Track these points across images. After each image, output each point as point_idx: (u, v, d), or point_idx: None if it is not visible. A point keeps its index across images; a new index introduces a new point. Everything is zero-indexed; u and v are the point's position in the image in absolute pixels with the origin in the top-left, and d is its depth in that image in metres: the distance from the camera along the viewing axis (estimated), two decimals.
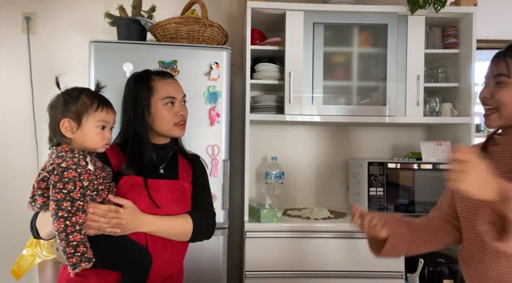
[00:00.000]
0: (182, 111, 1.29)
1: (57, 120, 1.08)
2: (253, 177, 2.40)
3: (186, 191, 1.28)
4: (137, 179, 1.20)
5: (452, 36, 2.16)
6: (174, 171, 1.30)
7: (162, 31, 1.87)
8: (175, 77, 1.36)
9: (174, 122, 1.27)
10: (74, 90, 1.11)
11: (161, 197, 1.21)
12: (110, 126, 1.14)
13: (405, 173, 2.03)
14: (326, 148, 2.44)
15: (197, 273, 1.76)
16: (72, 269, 1.00)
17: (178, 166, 1.32)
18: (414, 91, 2.04)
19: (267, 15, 2.08)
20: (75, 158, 1.05)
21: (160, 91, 1.26)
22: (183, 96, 1.32)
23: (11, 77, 2.33)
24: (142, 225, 1.14)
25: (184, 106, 1.32)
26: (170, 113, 1.26)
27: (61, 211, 0.99)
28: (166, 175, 1.27)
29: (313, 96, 2.03)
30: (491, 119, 1.04)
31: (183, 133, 1.32)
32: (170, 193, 1.24)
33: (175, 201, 1.24)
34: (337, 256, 1.89)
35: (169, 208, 1.22)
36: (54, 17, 2.35)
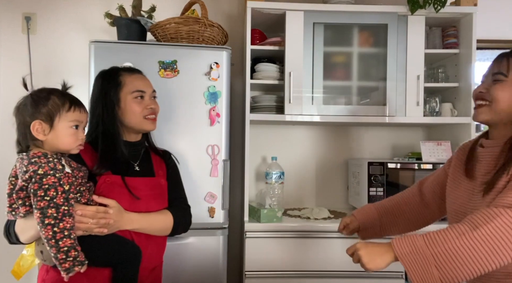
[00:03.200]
0: (153, 104, 1.31)
1: (27, 122, 1.04)
2: (253, 177, 2.40)
3: (163, 187, 1.31)
4: (115, 178, 1.20)
5: (452, 36, 2.16)
6: (149, 168, 1.32)
7: (162, 31, 1.87)
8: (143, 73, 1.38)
9: (144, 115, 1.28)
10: (43, 91, 1.08)
11: (141, 195, 1.23)
12: (83, 126, 1.12)
13: (405, 173, 2.03)
14: (326, 148, 2.44)
15: (197, 273, 1.76)
16: (66, 274, 1.00)
17: (152, 163, 1.34)
18: (414, 91, 2.04)
19: (267, 15, 2.08)
20: (50, 163, 1.02)
21: (129, 85, 1.27)
22: (152, 91, 1.33)
23: (11, 77, 2.33)
24: (127, 223, 1.16)
25: (154, 101, 1.34)
26: (139, 106, 1.27)
27: (47, 219, 0.97)
28: (141, 172, 1.29)
29: (313, 96, 2.03)
30: (479, 111, 1.06)
31: (154, 127, 1.34)
32: (149, 190, 1.26)
33: (154, 198, 1.27)
34: (337, 256, 1.89)
35: (149, 205, 1.24)
36: (54, 17, 2.35)
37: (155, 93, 1.36)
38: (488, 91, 1.04)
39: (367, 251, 1.02)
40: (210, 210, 1.77)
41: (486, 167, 1.06)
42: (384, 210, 1.37)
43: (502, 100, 1.01)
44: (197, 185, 1.77)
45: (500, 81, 1.02)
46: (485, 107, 1.05)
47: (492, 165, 1.04)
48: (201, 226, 1.77)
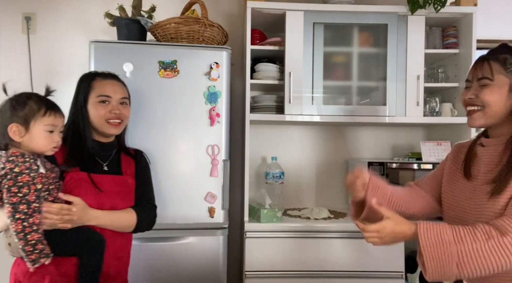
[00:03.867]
0: (118, 109, 1.36)
1: (5, 124, 1.11)
2: (253, 177, 2.40)
3: (130, 186, 1.38)
4: (82, 174, 1.28)
5: (452, 36, 2.16)
6: (117, 167, 1.39)
7: (162, 31, 1.87)
8: (120, 79, 1.44)
9: (106, 119, 1.34)
10: (22, 96, 1.15)
11: (106, 191, 1.30)
12: (58, 129, 1.19)
13: (405, 173, 2.03)
14: (326, 148, 2.44)
15: (197, 273, 1.76)
16: (32, 265, 1.09)
17: (121, 162, 1.42)
18: (414, 91, 2.04)
19: (267, 15, 2.08)
20: (27, 163, 1.10)
21: (97, 89, 1.35)
22: (122, 97, 1.39)
23: (11, 77, 2.33)
24: (91, 219, 1.23)
25: (123, 107, 1.40)
26: (103, 110, 1.34)
27: (18, 214, 1.06)
28: (109, 171, 1.36)
29: (313, 96, 2.03)
30: (474, 117, 1.07)
31: (117, 131, 1.39)
32: (115, 187, 1.33)
33: (120, 195, 1.34)
34: (337, 256, 1.89)
35: (115, 202, 1.32)
36: (54, 17, 2.35)
37: (127, 100, 1.42)
38: (478, 97, 1.05)
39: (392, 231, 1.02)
40: (210, 210, 1.77)
41: (487, 166, 1.06)
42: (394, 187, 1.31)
43: (494, 104, 1.03)
44: (197, 185, 1.77)
45: (487, 85, 1.04)
46: (478, 112, 1.06)
47: (494, 163, 1.04)
48: (201, 226, 1.77)
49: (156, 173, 1.75)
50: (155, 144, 1.76)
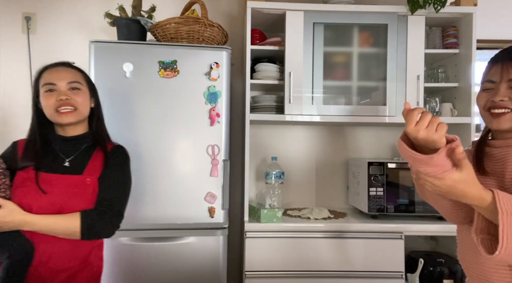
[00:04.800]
0: (65, 95, 1.24)
1: None
2: (253, 177, 2.40)
3: (88, 187, 1.24)
4: (31, 173, 1.21)
5: (452, 36, 2.16)
6: (81, 165, 1.27)
7: (162, 31, 1.87)
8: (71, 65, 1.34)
9: (55, 108, 1.24)
10: None
11: (56, 192, 1.20)
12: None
13: (405, 173, 2.03)
14: (326, 148, 2.44)
15: (197, 273, 1.76)
16: None
17: (88, 159, 1.28)
18: (414, 91, 2.04)
19: (267, 15, 2.08)
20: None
21: (43, 79, 1.27)
22: (69, 81, 1.27)
23: (11, 77, 2.33)
24: (22, 225, 1.14)
25: (74, 92, 1.27)
26: (50, 99, 1.24)
27: None
28: (69, 169, 1.25)
29: (313, 96, 2.03)
30: (505, 120, 1.01)
31: (69, 120, 1.25)
32: (66, 188, 1.22)
33: (73, 196, 1.21)
34: (337, 256, 1.89)
35: (66, 204, 1.20)
36: (54, 17, 2.35)
37: (78, 84, 1.28)
38: (511, 99, 1.00)
39: (463, 185, 0.86)
40: (210, 210, 1.77)
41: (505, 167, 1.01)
42: None
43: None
44: (197, 185, 1.77)
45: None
46: (509, 114, 1.00)
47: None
48: (201, 226, 1.77)
49: (156, 173, 1.75)
50: (155, 144, 1.76)
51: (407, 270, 1.96)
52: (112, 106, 1.73)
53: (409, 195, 2.02)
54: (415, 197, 2.01)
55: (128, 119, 1.75)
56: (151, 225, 1.74)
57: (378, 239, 1.90)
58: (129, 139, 1.74)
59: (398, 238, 1.91)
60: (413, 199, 2.01)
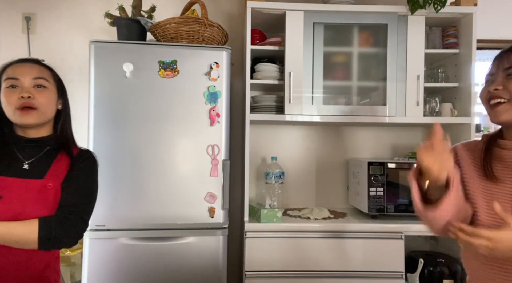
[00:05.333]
0: (28, 93, 1.12)
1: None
2: (253, 177, 2.40)
3: (48, 191, 1.12)
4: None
5: (452, 36, 2.16)
6: (42, 169, 1.15)
7: (162, 31, 1.87)
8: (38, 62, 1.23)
9: (15, 107, 1.12)
10: None
11: (12, 197, 1.08)
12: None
13: (405, 173, 2.03)
14: (326, 148, 2.44)
15: (197, 273, 1.76)
16: None
17: (50, 163, 1.17)
18: (414, 91, 2.04)
19: (267, 15, 2.08)
20: None
21: (5, 74, 1.16)
22: (35, 77, 1.15)
23: None
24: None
25: (38, 91, 1.15)
26: (11, 97, 1.12)
27: None
28: (28, 172, 1.13)
29: (313, 96, 2.03)
30: (499, 110, 0.97)
31: (31, 121, 1.14)
32: (24, 192, 1.10)
33: (32, 202, 1.10)
34: (337, 256, 1.89)
35: (23, 210, 1.08)
36: (54, 17, 2.35)
37: (43, 81, 1.17)
38: (506, 88, 0.96)
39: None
40: (210, 210, 1.77)
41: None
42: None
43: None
44: (197, 185, 1.77)
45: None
46: (505, 105, 0.96)
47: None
48: (201, 226, 1.77)
49: (156, 173, 1.75)
50: (155, 144, 1.76)
51: (407, 270, 1.96)
52: (112, 106, 1.73)
53: (409, 195, 2.00)
54: None
55: (128, 119, 1.75)
56: (151, 225, 1.75)
57: (378, 239, 1.90)
58: (129, 139, 1.74)
59: (398, 238, 1.91)
60: None
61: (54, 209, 1.12)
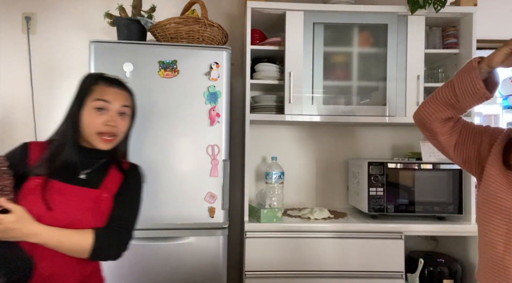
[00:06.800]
0: (114, 122, 1.18)
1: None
2: (253, 177, 2.40)
3: (102, 202, 1.16)
4: (45, 180, 1.12)
5: (452, 36, 2.16)
6: (97, 179, 1.19)
7: (162, 31, 1.87)
8: (127, 88, 1.26)
9: (98, 131, 1.16)
10: None
11: (67, 204, 1.11)
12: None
13: (405, 173, 2.03)
14: (326, 148, 2.44)
15: (197, 273, 1.76)
16: None
17: (105, 175, 1.22)
18: (414, 91, 2.04)
19: (267, 15, 2.08)
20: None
21: (96, 93, 1.17)
22: (122, 105, 1.20)
23: (11, 77, 2.33)
24: (30, 235, 1.04)
25: (121, 118, 1.21)
26: (97, 119, 1.16)
27: None
28: (85, 182, 1.17)
29: (313, 96, 2.03)
30: None
31: (107, 147, 1.20)
32: (80, 201, 1.13)
33: (85, 211, 1.13)
34: (337, 256, 1.89)
35: (77, 218, 1.11)
36: (54, 17, 2.35)
37: (127, 109, 1.22)
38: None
39: None
40: (210, 210, 1.77)
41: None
42: None
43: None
44: (197, 185, 1.77)
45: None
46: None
47: None
48: (201, 226, 1.77)
49: (156, 173, 1.75)
50: (155, 144, 1.76)
51: (407, 270, 1.96)
52: None
53: (409, 195, 2.02)
54: (415, 197, 2.01)
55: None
56: (151, 225, 1.74)
57: (378, 239, 1.90)
58: None
59: (398, 238, 1.91)
60: (413, 199, 2.01)
61: (103, 219, 1.16)
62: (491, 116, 2.55)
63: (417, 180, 2.02)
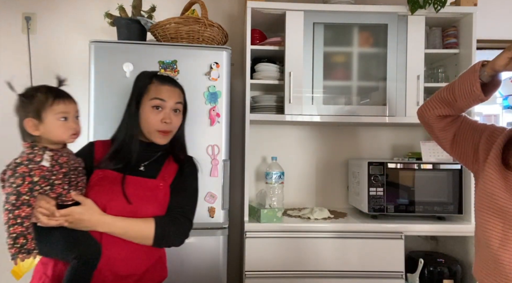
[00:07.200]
0: (169, 119, 1.24)
1: (22, 121, 1.11)
2: (253, 177, 2.40)
3: (159, 190, 1.23)
4: (108, 172, 1.20)
5: (452, 36, 2.16)
6: (155, 170, 1.26)
7: (162, 31, 1.87)
8: (179, 85, 1.32)
9: (157, 129, 1.24)
10: (29, 89, 1.14)
11: (129, 194, 1.18)
12: (72, 116, 1.14)
13: (405, 173, 2.03)
14: (326, 148, 2.44)
15: (197, 273, 1.76)
16: (11, 259, 1.02)
17: (162, 166, 1.28)
18: (414, 91, 2.04)
19: (267, 15, 2.08)
20: (31, 154, 1.07)
21: (151, 92, 1.24)
22: (176, 102, 1.26)
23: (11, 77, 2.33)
24: (98, 225, 1.12)
25: (175, 115, 1.27)
26: (155, 118, 1.23)
27: (7, 204, 1.02)
28: (144, 172, 1.24)
29: (313, 96, 2.03)
30: None
31: (164, 141, 1.27)
32: (141, 190, 1.20)
33: (147, 200, 1.20)
34: (337, 256, 1.89)
35: (140, 207, 1.18)
36: (54, 17, 2.35)
37: (179, 105, 1.28)
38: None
39: None
40: (210, 210, 1.77)
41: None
42: None
43: None
44: None
45: None
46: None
47: None
48: (201, 226, 1.77)
49: None
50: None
51: (407, 270, 1.96)
52: (112, 106, 1.73)
53: (409, 195, 2.02)
54: (415, 197, 2.01)
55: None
56: None
57: (378, 239, 1.90)
58: None
59: (398, 238, 1.91)
60: (413, 199, 2.01)
61: (163, 209, 1.22)
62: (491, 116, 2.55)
63: (417, 180, 2.02)
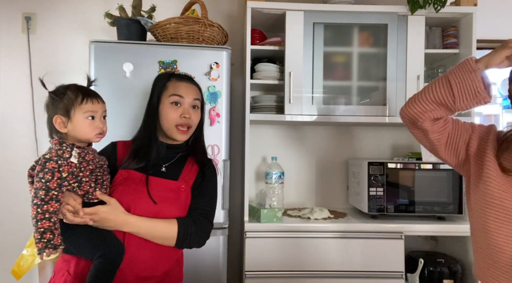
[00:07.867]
0: (189, 114, 1.27)
1: (51, 118, 1.13)
2: (253, 177, 2.40)
3: (181, 192, 1.25)
4: (132, 173, 1.23)
5: (452, 36, 2.16)
6: (176, 172, 1.28)
7: (162, 31, 1.87)
8: (196, 83, 1.35)
9: (176, 124, 1.26)
10: (60, 88, 1.15)
11: (153, 194, 1.20)
12: (99, 115, 1.17)
13: (405, 173, 2.03)
14: (326, 148, 2.44)
15: (197, 273, 1.76)
16: (38, 254, 1.04)
17: (182, 167, 1.30)
18: (414, 91, 2.04)
19: (267, 15, 2.08)
20: (60, 151, 1.09)
21: (170, 89, 1.28)
22: (194, 98, 1.29)
23: (11, 77, 2.33)
24: (122, 225, 1.14)
25: (194, 111, 1.30)
26: (174, 113, 1.26)
27: (36, 199, 1.03)
28: (166, 174, 1.27)
29: (313, 96, 2.03)
30: None
31: (184, 138, 1.30)
32: (163, 191, 1.22)
33: (169, 201, 1.22)
34: (337, 256, 1.89)
35: (162, 208, 1.20)
36: (54, 17, 2.35)
37: (198, 102, 1.31)
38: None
39: None
40: None
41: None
42: None
43: None
44: None
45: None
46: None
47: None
48: None
49: None
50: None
51: (407, 270, 1.96)
52: (112, 106, 1.72)
53: (409, 195, 2.02)
54: (415, 197, 2.01)
55: (128, 119, 1.75)
56: None
57: (378, 239, 1.90)
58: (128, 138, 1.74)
59: (398, 238, 1.91)
60: (413, 199, 2.01)
61: (184, 210, 1.24)
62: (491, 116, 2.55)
63: (417, 180, 2.02)
